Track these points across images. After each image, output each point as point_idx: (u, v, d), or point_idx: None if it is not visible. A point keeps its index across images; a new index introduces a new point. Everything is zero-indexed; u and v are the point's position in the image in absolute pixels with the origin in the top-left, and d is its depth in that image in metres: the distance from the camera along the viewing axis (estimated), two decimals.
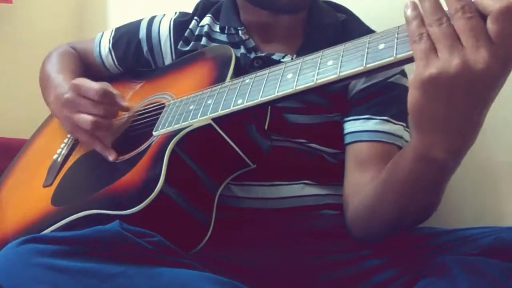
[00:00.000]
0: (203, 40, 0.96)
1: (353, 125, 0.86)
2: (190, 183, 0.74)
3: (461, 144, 0.56)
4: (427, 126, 0.55)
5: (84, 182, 0.86)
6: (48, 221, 0.78)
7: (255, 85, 0.69)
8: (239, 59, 0.84)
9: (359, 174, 0.82)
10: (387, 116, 0.84)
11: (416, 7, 0.52)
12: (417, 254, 0.71)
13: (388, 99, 0.86)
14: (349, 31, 0.92)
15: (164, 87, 0.91)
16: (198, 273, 0.60)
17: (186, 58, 0.94)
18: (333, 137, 0.87)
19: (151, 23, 1.03)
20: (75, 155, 0.91)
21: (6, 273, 0.59)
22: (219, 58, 0.85)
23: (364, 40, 0.58)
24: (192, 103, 0.77)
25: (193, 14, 1.00)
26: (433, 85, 0.50)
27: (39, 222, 0.80)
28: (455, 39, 0.49)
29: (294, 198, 0.83)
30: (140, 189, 0.70)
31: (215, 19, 0.98)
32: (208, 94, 0.75)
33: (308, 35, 0.92)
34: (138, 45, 1.02)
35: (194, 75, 0.87)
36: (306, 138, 0.86)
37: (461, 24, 0.48)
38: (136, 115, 0.89)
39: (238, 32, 0.93)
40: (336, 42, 0.64)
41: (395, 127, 0.84)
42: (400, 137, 0.84)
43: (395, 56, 0.54)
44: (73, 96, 0.84)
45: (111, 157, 0.83)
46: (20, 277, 0.58)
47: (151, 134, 0.80)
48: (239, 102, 0.69)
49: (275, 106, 0.84)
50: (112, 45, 1.05)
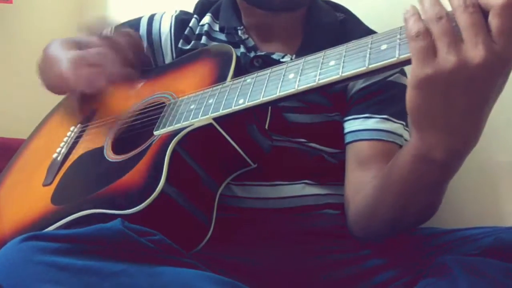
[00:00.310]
0: (203, 39, 0.96)
1: (353, 124, 0.86)
2: (191, 182, 0.74)
3: (462, 144, 0.55)
4: (426, 125, 0.55)
5: (84, 181, 0.85)
6: (48, 220, 0.77)
7: (257, 85, 0.69)
8: (239, 59, 0.84)
9: (360, 173, 0.82)
10: (386, 114, 0.84)
11: (414, 7, 0.52)
12: (417, 254, 0.71)
13: (388, 98, 0.86)
14: (348, 30, 0.92)
15: (164, 86, 0.90)
16: (199, 273, 0.60)
17: (186, 57, 0.94)
18: (333, 137, 0.87)
19: (151, 20, 1.02)
20: (75, 154, 0.91)
21: (7, 271, 0.59)
22: (220, 57, 0.85)
23: (367, 41, 0.58)
24: (193, 102, 0.76)
25: (193, 13, 1.01)
26: (431, 83, 0.50)
27: (39, 221, 0.79)
28: (453, 35, 0.49)
29: (295, 198, 0.84)
30: (141, 189, 0.70)
31: (215, 18, 0.98)
32: (209, 94, 0.75)
33: (307, 34, 0.92)
34: None
35: (194, 74, 0.87)
36: (306, 137, 0.86)
37: (462, 19, 0.48)
38: (136, 114, 0.89)
39: (237, 31, 0.93)
40: (335, 41, 0.64)
41: (395, 126, 0.84)
42: (400, 135, 0.84)
43: (397, 56, 0.54)
44: (78, 50, 0.85)
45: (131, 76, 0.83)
46: (21, 274, 0.58)
47: (152, 133, 0.79)
48: (241, 102, 0.69)
49: (275, 106, 0.84)
50: None
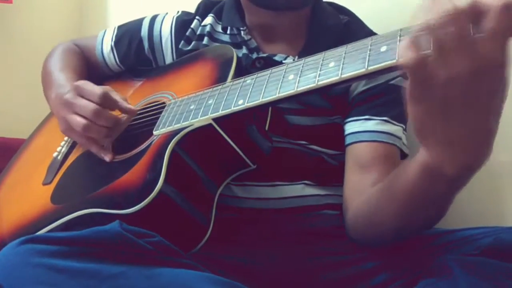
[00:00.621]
0: (205, 39, 0.96)
1: (353, 125, 0.86)
2: (190, 183, 0.74)
3: (472, 159, 0.54)
4: (431, 141, 0.54)
5: (84, 181, 0.86)
6: (47, 219, 0.77)
7: (256, 85, 0.69)
8: (240, 59, 0.84)
9: (359, 176, 0.82)
10: (387, 116, 0.84)
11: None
12: (417, 255, 0.71)
13: (389, 100, 0.85)
14: (351, 33, 0.91)
15: (165, 86, 0.91)
16: (198, 273, 0.60)
17: (187, 57, 0.94)
18: (333, 139, 0.87)
19: (153, 21, 1.02)
20: (75, 153, 0.91)
21: (6, 273, 0.59)
22: (220, 58, 0.84)
23: (366, 42, 0.58)
24: (193, 102, 0.76)
25: (195, 14, 1.00)
26: (427, 100, 0.50)
27: (38, 220, 0.80)
28: (440, 47, 0.48)
29: (295, 198, 0.83)
30: (140, 189, 0.70)
31: (217, 19, 0.98)
32: (209, 94, 0.75)
33: (311, 36, 0.92)
34: (140, 43, 1.02)
35: (195, 75, 0.87)
36: (306, 139, 0.86)
37: (447, 29, 0.47)
38: (136, 114, 0.89)
39: (240, 32, 0.92)
40: (338, 43, 0.64)
41: (394, 128, 0.84)
42: (399, 138, 0.84)
43: (397, 58, 0.53)
44: (72, 96, 0.84)
45: (107, 157, 0.82)
46: (19, 277, 0.58)
47: (151, 133, 0.79)
48: (240, 103, 0.69)
49: (276, 108, 0.84)
50: (114, 44, 1.04)
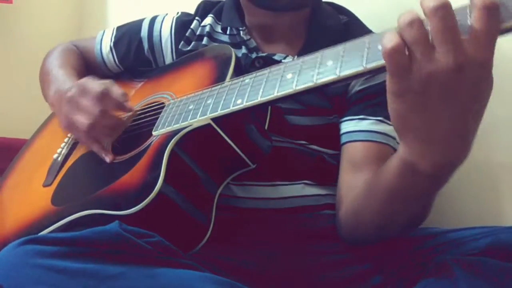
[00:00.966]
0: (205, 40, 0.96)
1: (348, 125, 0.86)
2: (190, 183, 0.74)
3: (448, 157, 0.54)
4: (410, 136, 0.54)
5: (84, 182, 0.86)
6: (48, 220, 0.77)
7: (255, 85, 0.69)
8: (239, 59, 0.84)
9: (352, 175, 0.82)
10: (381, 116, 0.84)
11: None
12: (417, 254, 0.71)
13: (384, 100, 0.84)
14: (351, 33, 0.91)
15: (164, 87, 0.91)
16: (198, 273, 0.60)
17: (186, 57, 0.94)
18: (333, 139, 0.87)
19: (153, 22, 1.03)
20: (75, 155, 0.91)
21: (6, 274, 0.59)
22: (219, 58, 0.84)
23: (364, 40, 0.58)
24: (192, 102, 0.76)
25: (195, 15, 1.00)
26: (407, 95, 0.50)
27: (39, 222, 0.80)
28: (425, 43, 0.48)
29: (295, 198, 0.83)
30: (139, 189, 0.70)
31: (217, 19, 0.98)
32: (208, 94, 0.75)
33: (310, 36, 0.92)
34: (139, 44, 1.02)
35: (194, 75, 0.87)
36: (306, 139, 0.86)
37: (432, 24, 0.47)
38: (136, 114, 0.89)
39: (239, 32, 0.92)
40: (338, 44, 0.64)
41: (389, 128, 0.84)
42: (394, 138, 0.84)
43: None
44: (76, 94, 0.84)
45: (108, 158, 0.83)
46: (19, 278, 0.58)
47: (150, 133, 0.79)
48: (239, 102, 0.69)
49: (276, 107, 0.84)
50: (114, 44, 1.04)
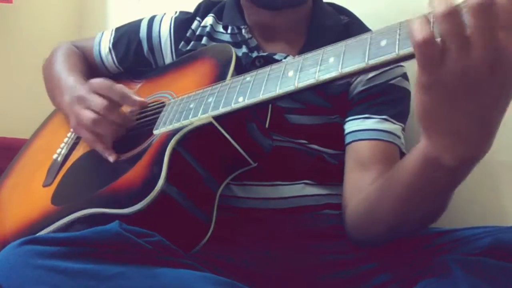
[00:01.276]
0: (204, 39, 0.96)
1: (353, 124, 0.86)
2: (191, 182, 0.74)
3: (472, 150, 0.54)
4: (436, 130, 0.54)
5: (84, 181, 0.86)
6: (48, 220, 0.77)
7: (256, 83, 0.68)
8: (239, 58, 0.84)
9: (359, 174, 0.81)
10: (386, 115, 0.84)
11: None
12: (417, 255, 0.71)
13: (388, 100, 0.85)
14: (351, 33, 0.90)
15: (164, 86, 0.90)
16: (198, 273, 0.60)
17: (186, 57, 0.94)
18: (334, 138, 0.87)
19: (151, 22, 1.02)
20: (75, 155, 0.91)
21: (6, 274, 0.59)
22: (219, 57, 0.84)
23: (366, 37, 0.58)
24: (193, 101, 0.76)
25: (195, 14, 1.00)
26: (437, 88, 0.50)
27: (39, 222, 0.80)
28: (461, 36, 0.47)
29: (295, 198, 0.83)
30: (140, 188, 0.70)
31: (218, 18, 0.98)
32: (209, 92, 0.75)
33: (310, 36, 0.92)
34: (139, 45, 1.02)
35: (194, 74, 0.86)
36: (306, 139, 0.86)
37: (476, 21, 0.46)
38: (136, 113, 0.89)
39: (241, 31, 0.92)
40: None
41: (394, 127, 0.84)
42: (399, 137, 0.84)
43: (397, 52, 0.53)
44: (86, 92, 0.85)
45: (111, 158, 0.82)
46: (19, 278, 0.58)
47: (151, 133, 0.79)
48: (240, 100, 0.69)
49: (277, 107, 0.84)
50: (112, 45, 1.04)
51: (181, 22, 1.00)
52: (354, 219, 0.78)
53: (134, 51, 1.02)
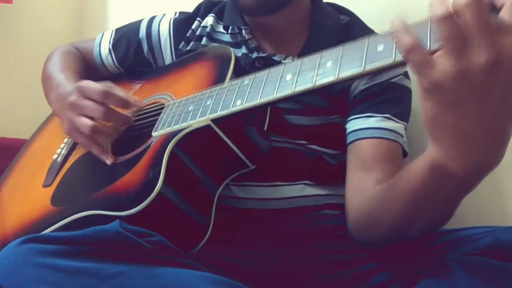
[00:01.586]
0: (204, 40, 0.96)
1: (355, 123, 0.85)
2: (189, 184, 0.74)
3: (482, 159, 0.52)
4: (443, 137, 0.53)
5: (83, 183, 0.86)
6: (47, 221, 0.77)
7: (254, 86, 0.69)
8: (238, 60, 0.84)
9: (361, 175, 0.81)
10: (388, 114, 0.84)
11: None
12: (417, 255, 0.71)
13: (390, 98, 0.85)
14: (352, 33, 0.91)
15: (163, 87, 0.91)
16: (199, 273, 0.60)
17: (185, 58, 0.94)
18: (333, 139, 0.87)
19: (151, 23, 1.03)
20: (75, 155, 0.91)
21: (7, 273, 0.59)
22: (218, 59, 0.84)
23: (364, 42, 0.58)
24: (192, 103, 0.76)
25: (195, 15, 1.00)
26: (438, 93, 0.49)
27: (38, 222, 0.80)
28: (458, 39, 0.46)
29: (295, 199, 0.83)
30: (139, 190, 0.70)
31: (218, 19, 0.98)
32: (208, 95, 0.75)
33: (311, 36, 0.92)
34: (139, 46, 1.02)
35: (193, 76, 0.86)
36: (306, 139, 0.86)
37: (467, 19, 0.45)
38: (135, 115, 0.90)
39: (241, 31, 0.92)
40: (338, 44, 0.63)
41: (396, 125, 0.83)
42: (402, 135, 0.84)
43: (393, 58, 0.53)
44: (77, 98, 0.83)
45: (109, 160, 0.82)
46: (20, 276, 0.58)
47: (150, 134, 0.79)
48: (238, 103, 0.69)
49: (276, 107, 0.84)
50: (112, 46, 1.05)
51: (181, 22, 1.00)
52: (357, 221, 0.78)
53: (134, 51, 1.02)
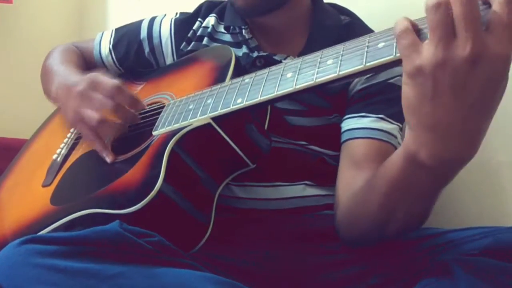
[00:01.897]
0: (205, 40, 0.96)
1: (349, 123, 0.85)
2: (190, 182, 0.74)
3: (452, 152, 0.53)
4: (416, 124, 0.53)
5: (83, 182, 0.86)
6: (47, 220, 0.77)
7: (255, 84, 0.69)
8: (239, 59, 0.84)
9: (352, 173, 0.81)
10: (383, 114, 0.84)
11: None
12: (417, 255, 0.71)
13: (386, 99, 0.85)
14: (352, 33, 0.90)
15: (164, 87, 0.91)
16: (198, 273, 0.59)
17: (186, 58, 0.94)
18: (333, 140, 0.87)
19: (151, 23, 1.03)
20: (74, 155, 0.91)
21: (6, 273, 0.59)
22: (219, 58, 0.85)
23: (364, 39, 0.58)
24: (192, 102, 0.76)
25: (196, 15, 1.00)
26: (418, 77, 0.50)
27: (38, 222, 0.80)
28: (446, 28, 0.47)
29: (295, 199, 0.83)
30: (139, 188, 0.70)
31: (219, 19, 0.98)
32: (208, 94, 0.75)
33: (311, 37, 0.92)
34: (140, 47, 1.02)
35: (194, 75, 0.87)
36: (306, 140, 0.86)
37: (455, 10, 0.46)
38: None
39: (242, 31, 0.92)
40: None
41: (390, 126, 0.83)
42: (395, 136, 0.83)
43: (394, 54, 0.53)
44: (87, 89, 0.83)
45: (109, 158, 0.82)
46: (19, 277, 0.58)
47: (150, 133, 0.79)
48: (239, 101, 0.69)
49: (276, 108, 0.84)
50: (113, 46, 1.05)
51: (182, 23, 1.00)
52: (343, 216, 0.77)
53: (135, 52, 1.02)
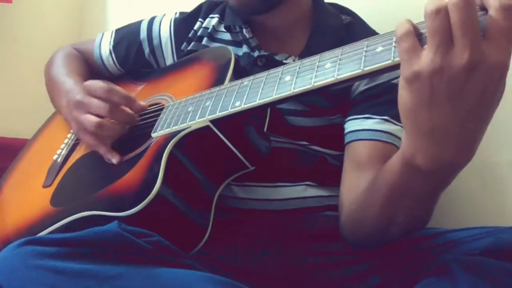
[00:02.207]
0: (204, 40, 0.96)
1: (353, 124, 0.85)
2: (188, 185, 0.74)
3: (448, 156, 0.53)
4: (412, 129, 0.54)
5: (83, 183, 0.86)
6: (47, 221, 0.78)
7: (253, 87, 0.69)
8: (238, 61, 0.84)
9: (355, 174, 0.81)
10: (387, 116, 0.83)
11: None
12: (417, 254, 0.71)
13: (390, 100, 0.85)
14: (353, 33, 0.91)
15: (163, 88, 0.91)
16: (198, 273, 0.60)
17: (186, 59, 0.94)
18: (335, 140, 0.87)
19: (151, 24, 1.03)
20: (74, 156, 0.92)
21: (6, 275, 0.59)
22: (218, 60, 0.84)
23: (362, 43, 0.58)
24: (191, 104, 0.77)
25: (196, 15, 1.00)
26: (415, 82, 0.50)
27: (38, 223, 0.80)
28: (444, 34, 0.47)
29: (296, 200, 0.83)
30: (138, 191, 0.70)
31: (221, 18, 0.98)
32: (207, 96, 0.75)
33: (312, 36, 0.91)
34: (139, 47, 1.02)
35: (193, 77, 0.87)
36: (308, 140, 0.86)
37: (453, 17, 0.47)
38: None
39: (242, 30, 0.92)
40: (340, 44, 0.63)
41: (394, 128, 0.83)
42: (399, 138, 0.83)
43: (392, 59, 0.53)
44: (83, 96, 0.85)
45: (115, 160, 0.82)
46: (19, 279, 0.58)
47: (149, 135, 0.80)
48: (237, 104, 0.69)
49: (277, 108, 0.84)
50: (113, 47, 1.05)
51: (182, 23, 1.00)
52: (346, 219, 0.78)
53: (135, 53, 1.02)
